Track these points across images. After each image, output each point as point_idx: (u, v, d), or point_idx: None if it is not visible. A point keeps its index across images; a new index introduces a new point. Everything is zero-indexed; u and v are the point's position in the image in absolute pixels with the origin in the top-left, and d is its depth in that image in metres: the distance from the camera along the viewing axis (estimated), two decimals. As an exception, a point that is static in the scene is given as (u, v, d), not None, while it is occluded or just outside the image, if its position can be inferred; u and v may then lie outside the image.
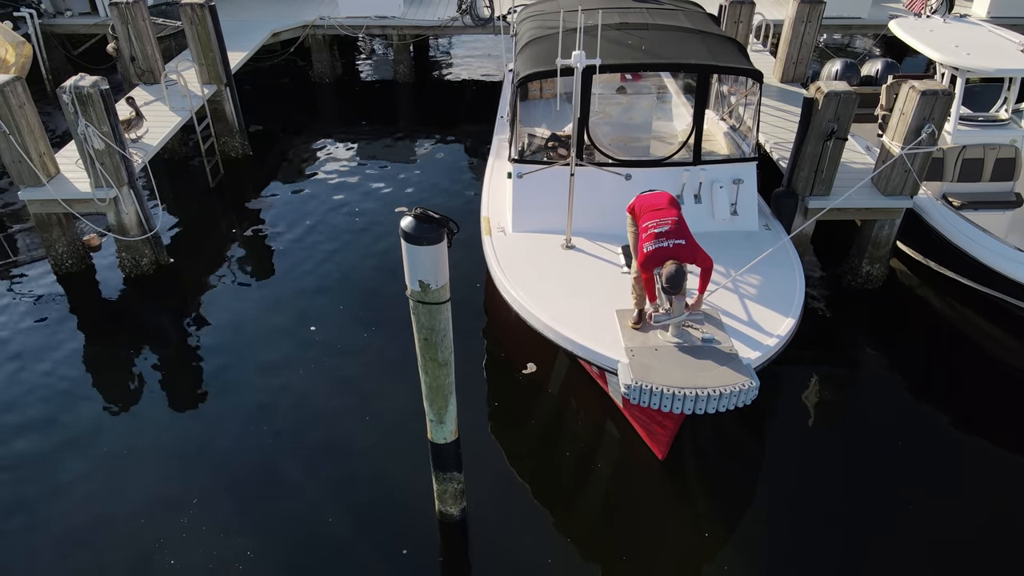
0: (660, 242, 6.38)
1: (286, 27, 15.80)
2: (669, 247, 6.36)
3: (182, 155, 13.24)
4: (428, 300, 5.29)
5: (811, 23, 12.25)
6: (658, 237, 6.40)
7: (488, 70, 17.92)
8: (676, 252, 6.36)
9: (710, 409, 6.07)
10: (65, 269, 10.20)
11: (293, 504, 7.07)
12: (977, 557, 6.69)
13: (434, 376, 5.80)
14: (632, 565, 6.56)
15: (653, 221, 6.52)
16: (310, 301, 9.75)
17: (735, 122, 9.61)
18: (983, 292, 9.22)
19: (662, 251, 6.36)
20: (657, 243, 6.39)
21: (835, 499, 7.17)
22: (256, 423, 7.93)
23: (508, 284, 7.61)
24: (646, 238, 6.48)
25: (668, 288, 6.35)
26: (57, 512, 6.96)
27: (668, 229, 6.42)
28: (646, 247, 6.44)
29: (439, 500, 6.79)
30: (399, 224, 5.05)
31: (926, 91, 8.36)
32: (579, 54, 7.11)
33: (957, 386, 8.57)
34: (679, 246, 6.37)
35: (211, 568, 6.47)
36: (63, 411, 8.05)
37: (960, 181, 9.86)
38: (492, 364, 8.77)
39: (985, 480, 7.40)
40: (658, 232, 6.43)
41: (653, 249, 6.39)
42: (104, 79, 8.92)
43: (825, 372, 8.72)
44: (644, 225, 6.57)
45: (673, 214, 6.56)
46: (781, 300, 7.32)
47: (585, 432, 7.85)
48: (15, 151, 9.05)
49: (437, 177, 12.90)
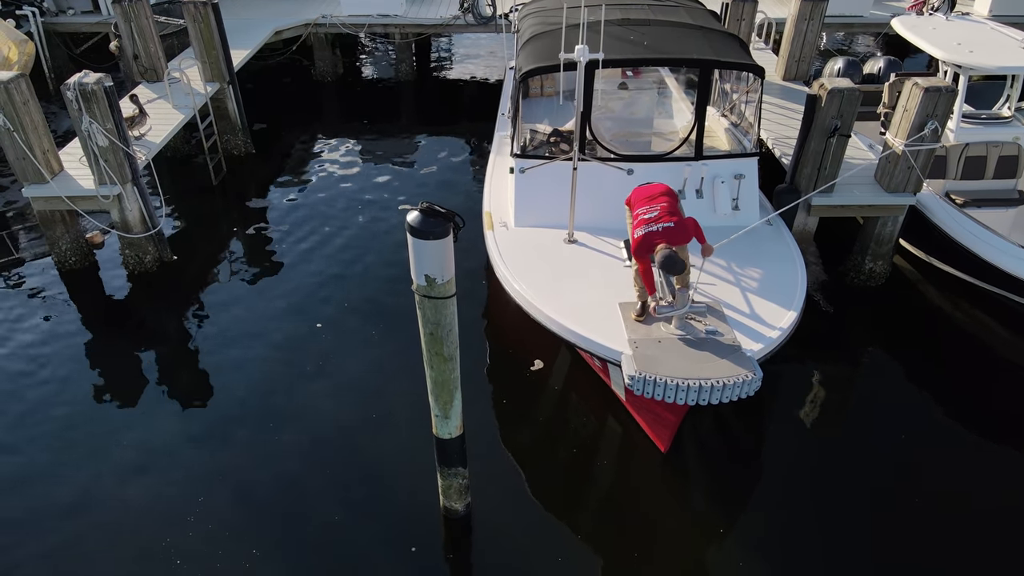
0: (649, 227, 6.41)
1: (288, 25, 15.82)
2: (658, 231, 6.37)
3: (185, 153, 13.25)
4: (434, 294, 5.30)
5: (813, 21, 12.28)
6: (647, 223, 6.44)
7: (490, 69, 17.93)
8: (665, 235, 6.36)
9: (713, 400, 6.08)
10: (68, 266, 10.21)
11: (297, 500, 7.08)
12: (980, 552, 6.69)
13: (439, 371, 5.80)
14: (636, 557, 6.56)
15: (643, 208, 6.58)
16: (314, 298, 9.76)
17: (736, 118, 9.62)
18: (986, 289, 9.23)
19: (651, 235, 6.38)
20: (646, 228, 6.42)
21: (836, 493, 7.18)
22: (261, 420, 7.93)
23: (511, 278, 7.63)
24: (636, 225, 6.54)
25: (665, 271, 6.37)
26: (57, 510, 6.96)
27: (657, 214, 6.45)
28: (636, 233, 6.48)
29: (444, 495, 6.80)
30: (404, 220, 5.05)
31: (930, 88, 8.37)
32: (582, 48, 7.12)
33: (959, 383, 8.57)
34: (668, 229, 6.37)
35: (217, 567, 6.47)
36: (64, 407, 8.05)
37: (963, 179, 9.87)
38: (496, 359, 8.78)
39: (988, 477, 7.41)
40: (647, 218, 6.47)
41: (642, 234, 6.43)
42: (108, 76, 8.93)
43: (827, 369, 8.73)
44: (635, 212, 6.63)
45: (663, 200, 6.59)
46: (783, 293, 7.34)
47: (588, 426, 7.86)
48: (19, 148, 9.06)
49: (438, 175, 12.91)
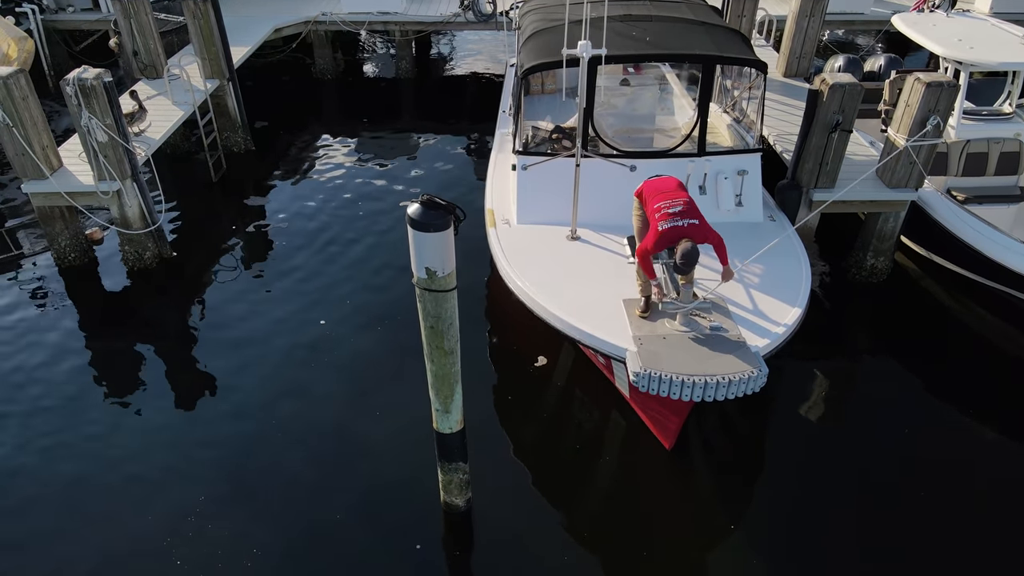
0: (675, 221, 6.42)
1: (288, 23, 15.79)
2: (683, 226, 6.41)
3: (185, 150, 13.21)
4: (434, 287, 5.27)
5: (814, 17, 12.26)
6: (672, 216, 6.44)
7: (490, 66, 17.89)
8: (690, 231, 6.41)
9: (719, 396, 6.06)
10: (68, 263, 10.18)
11: (297, 496, 7.05)
12: (984, 545, 6.67)
13: (440, 364, 5.77)
14: (639, 554, 6.54)
15: (665, 202, 6.55)
16: (313, 294, 9.73)
17: (738, 115, 9.60)
18: (987, 286, 9.21)
19: (677, 230, 6.40)
20: (672, 222, 6.42)
21: (839, 489, 7.15)
22: (261, 416, 7.90)
23: (514, 275, 7.60)
24: (660, 217, 6.50)
25: (682, 266, 6.38)
26: (54, 507, 6.93)
27: (681, 209, 6.48)
28: (660, 225, 6.46)
29: (444, 491, 6.77)
30: (404, 215, 5.02)
31: (931, 83, 8.35)
32: (585, 44, 7.09)
33: (961, 378, 8.55)
34: (693, 226, 6.43)
35: (219, 566, 6.43)
36: (64, 404, 8.02)
37: (964, 175, 9.84)
38: (497, 355, 8.75)
39: (991, 471, 7.38)
40: (672, 212, 6.46)
41: (668, 227, 6.42)
42: (107, 72, 8.90)
43: (829, 365, 8.71)
44: (656, 206, 6.59)
45: (684, 195, 6.62)
46: (787, 290, 7.32)
47: (591, 423, 7.83)
48: (18, 144, 9.02)
49: (439, 173, 12.87)
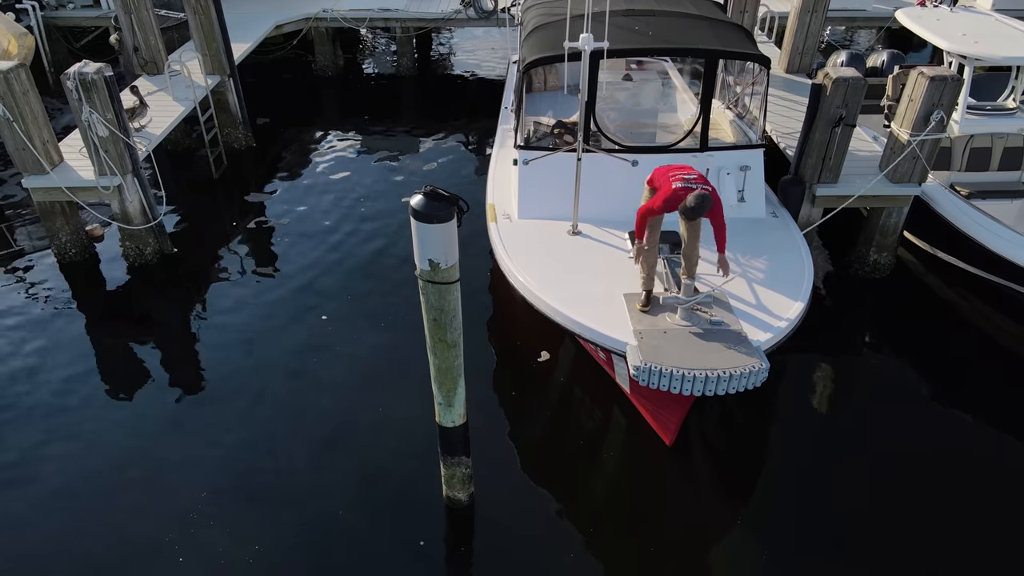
0: (688, 184, 6.38)
1: (289, 19, 15.76)
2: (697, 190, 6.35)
3: (185, 146, 13.20)
4: (438, 280, 5.25)
5: (816, 13, 12.22)
6: (686, 181, 6.41)
7: (491, 63, 17.86)
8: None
9: (720, 391, 6.02)
10: (68, 258, 10.15)
11: (300, 491, 7.02)
12: (986, 543, 6.64)
13: (443, 358, 5.75)
14: (640, 550, 6.51)
15: (681, 172, 6.55)
16: (314, 290, 9.70)
17: (741, 110, 9.57)
18: (991, 280, 9.18)
19: (690, 190, 6.34)
20: (686, 184, 6.38)
21: (841, 485, 7.12)
22: (262, 412, 7.88)
23: (515, 269, 7.57)
24: (674, 179, 6.45)
25: (691, 209, 6.27)
26: (55, 503, 6.91)
27: (696, 177, 6.48)
28: (674, 184, 6.40)
29: (447, 485, 6.75)
30: (406, 210, 5.01)
31: (935, 77, 8.32)
32: (587, 36, 7.06)
33: (964, 375, 8.52)
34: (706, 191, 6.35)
35: (221, 562, 6.40)
36: (64, 400, 8.00)
37: (968, 171, 9.81)
38: (499, 351, 8.72)
39: (994, 468, 7.35)
40: (687, 177, 6.45)
41: (681, 187, 6.36)
42: (108, 66, 8.88)
43: (832, 361, 8.68)
44: (671, 175, 6.54)
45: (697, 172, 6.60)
46: (789, 284, 7.29)
47: (592, 418, 7.80)
48: (18, 139, 9.01)
49: (440, 169, 12.84)
